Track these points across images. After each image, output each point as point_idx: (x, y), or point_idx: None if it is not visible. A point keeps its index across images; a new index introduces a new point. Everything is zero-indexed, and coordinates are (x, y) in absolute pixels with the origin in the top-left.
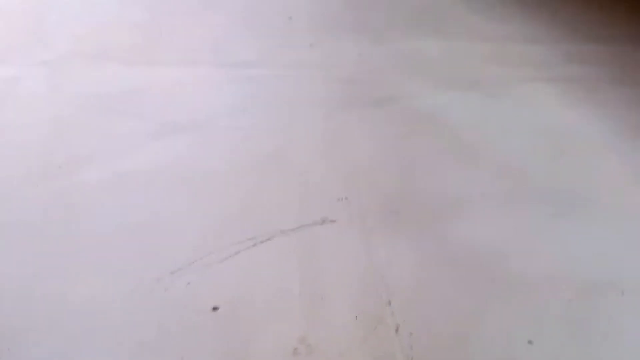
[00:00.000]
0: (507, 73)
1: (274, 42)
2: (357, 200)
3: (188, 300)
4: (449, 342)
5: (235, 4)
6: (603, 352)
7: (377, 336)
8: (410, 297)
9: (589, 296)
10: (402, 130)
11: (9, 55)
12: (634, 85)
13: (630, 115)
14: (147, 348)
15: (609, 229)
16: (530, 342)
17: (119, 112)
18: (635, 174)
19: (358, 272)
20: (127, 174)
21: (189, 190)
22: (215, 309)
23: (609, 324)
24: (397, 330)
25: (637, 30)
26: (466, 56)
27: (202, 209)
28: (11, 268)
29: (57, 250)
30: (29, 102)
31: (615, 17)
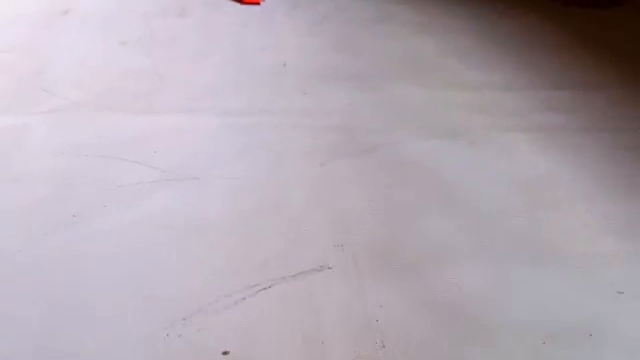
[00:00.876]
0: (485, 121)
1: (269, 90)
2: (352, 247)
3: (200, 345)
4: None
5: (231, 51)
6: None
7: None
8: (402, 340)
9: (559, 339)
10: (389, 178)
11: (14, 104)
12: (602, 131)
13: (599, 162)
14: None
15: (579, 277)
16: None
17: (124, 161)
18: (605, 222)
19: (354, 317)
20: (134, 223)
21: (193, 239)
22: (225, 353)
23: None
24: None
25: (605, 75)
26: (448, 104)
27: (207, 257)
28: (24, 319)
29: (69, 301)
30: (35, 152)
31: (584, 63)
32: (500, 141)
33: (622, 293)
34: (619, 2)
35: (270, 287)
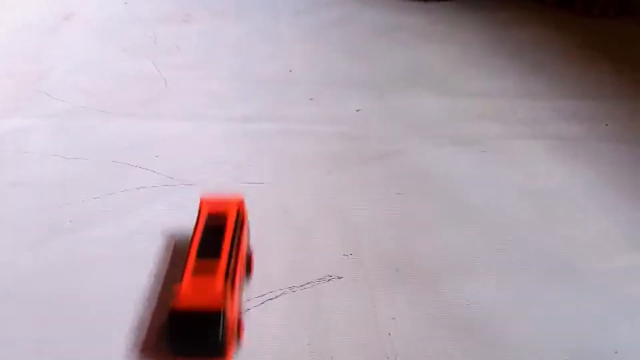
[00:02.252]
0: (498, 129)
1: (275, 97)
2: (362, 257)
3: None
4: None
5: (237, 58)
6: None
7: None
8: (414, 355)
9: (584, 357)
10: (399, 187)
11: (16, 108)
12: (621, 142)
13: (617, 173)
14: None
15: (599, 291)
16: None
17: (126, 165)
18: (624, 235)
19: (365, 329)
20: (135, 230)
21: None
22: None
23: None
24: None
25: (622, 85)
26: (459, 112)
27: None
28: (22, 329)
29: (68, 311)
30: (36, 156)
31: (597, 72)
32: (513, 150)
33: None
34: (628, 12)
35: (276, 297)
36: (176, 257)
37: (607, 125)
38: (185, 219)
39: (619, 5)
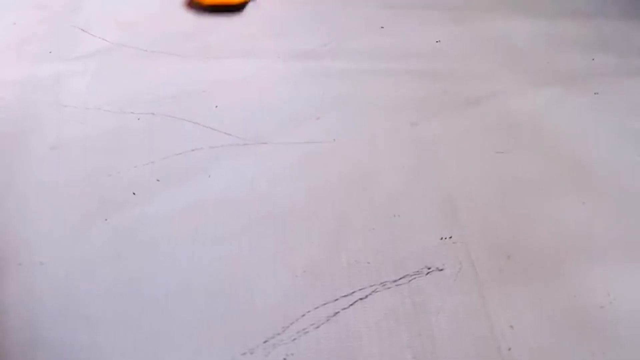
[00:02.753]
0: (608, 62)
1: (338, 25)
2: (464, 240)
3: None
4: None
5: None
6: None
7: None
8: None
9: None
10: (499, 143)
11: (47, 48)
12: None
13: None
14: None
15: None
16: None
17: (178, 120)
18: None
19: (474, 333)
20: (193, 204)
21: (264, 229)
22: None
23: None
24: None
25: None
26: (562, 40)
27: (283, 256)
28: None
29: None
30: (78, 110)
31: None
32: (633, 91)
33: None
34: None
35: (367, 297)
36: (245, 243)
37: None
38: (252, 191)
39: None
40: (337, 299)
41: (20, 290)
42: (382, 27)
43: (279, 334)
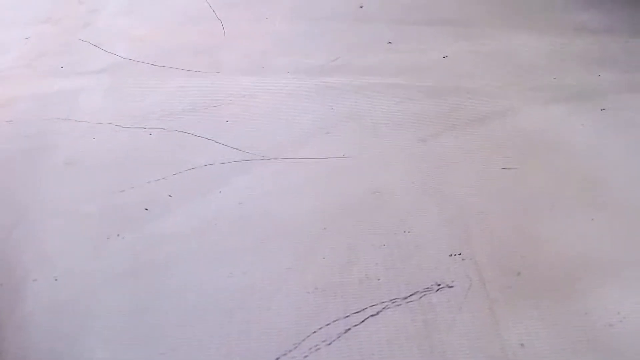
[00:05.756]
0: (613, 78)
1: (347, 41)
2: (473, 256)
3: None
4: None
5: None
6: None
7: None
8: None
9: None
10: (509, 158)
11: (60, 63)
12: None
13: None
14: None
15: None
16: None
17: (189, 136)
18: None
19: (485, 352)
20: (210, 221)
21: (276, 244)
22: None
23: None
24: None
25: None
26: (568, 56)
27: (295, 271)
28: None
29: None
30: (90, 125)
31: None
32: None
33: None
34: None
35: (378, 313)
36: (257, 260)
37: None
38: (263, 207)
39: None
40: (347, 316)
41: (36, 306)
42: (389, 43)
43: (290, 351)
